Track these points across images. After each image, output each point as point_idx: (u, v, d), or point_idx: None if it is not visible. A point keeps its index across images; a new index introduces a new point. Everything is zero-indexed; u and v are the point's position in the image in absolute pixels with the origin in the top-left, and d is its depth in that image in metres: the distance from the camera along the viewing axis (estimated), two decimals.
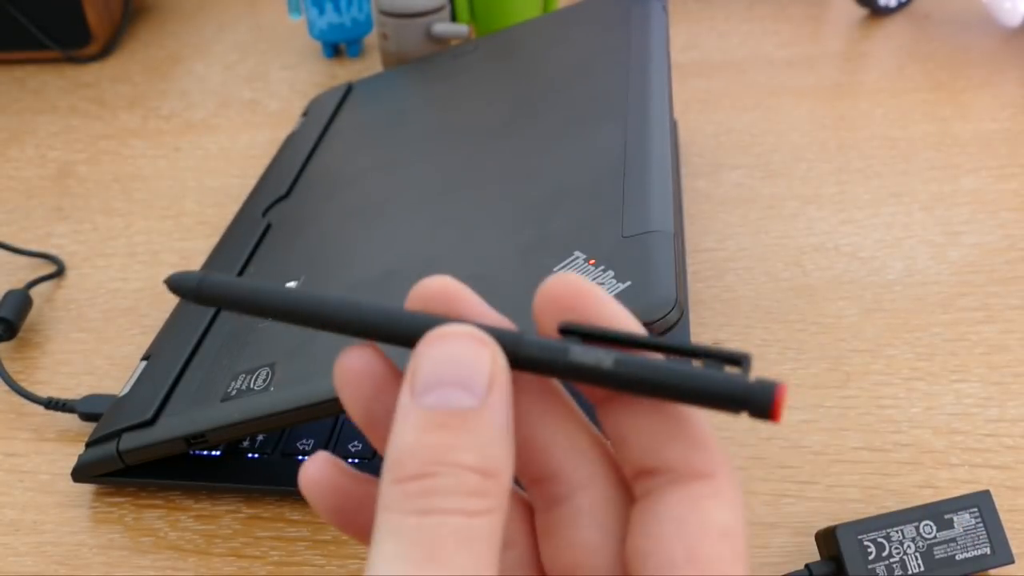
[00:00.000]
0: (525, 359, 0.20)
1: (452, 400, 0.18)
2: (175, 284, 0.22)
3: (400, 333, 0.20)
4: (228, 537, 0.38)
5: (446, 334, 0.19)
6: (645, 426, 0.20)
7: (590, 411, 0.22)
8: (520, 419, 0.21)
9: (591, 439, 0.21)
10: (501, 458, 0.18)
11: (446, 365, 0.19)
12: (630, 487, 0.21)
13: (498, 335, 0.20)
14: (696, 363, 0.19)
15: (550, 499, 0.21)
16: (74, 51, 0.78)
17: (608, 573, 0.20)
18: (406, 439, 0.18)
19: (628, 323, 0.21)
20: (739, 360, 0.19)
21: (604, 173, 0.37)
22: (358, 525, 0.22)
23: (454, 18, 0.71)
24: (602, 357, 0.19)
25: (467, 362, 0.19)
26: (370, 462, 0.39)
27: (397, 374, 0.22)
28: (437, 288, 0.21)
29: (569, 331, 0.20)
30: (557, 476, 0.21)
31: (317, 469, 0.22)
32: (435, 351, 0.19)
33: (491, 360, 0.19)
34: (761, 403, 0.18)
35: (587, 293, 0.20)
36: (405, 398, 0.19)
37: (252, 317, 0.20)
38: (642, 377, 0.19)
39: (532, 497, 0.22)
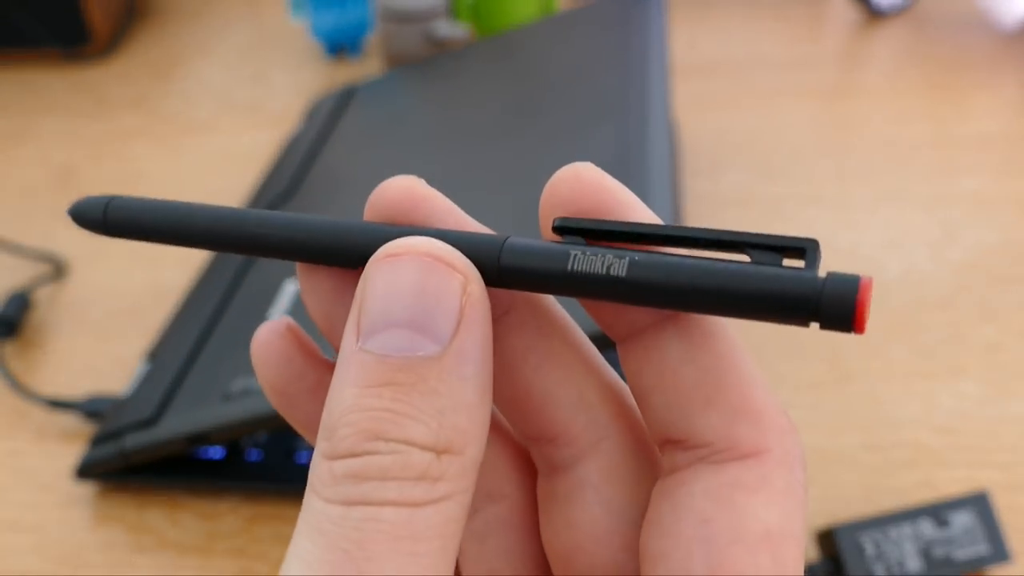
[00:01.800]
0: (511, 272, 0.15)
1: (404, 345, 0.14)
2: (78, 212, 0.18)
3: (349, 251, 0.16)
4: (230, 536, 0.39)
5: (398, 252, 0.14)
6: (677, 379, 0.15)
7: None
8: (513, 363, 0.16)
9: (604, 391, 0.16)
10: (466, 427, 0.14)
11: (398, 296, 0.14)
12: (654, 457, 0.16)
13: (472, 243, 0.15)
14: (740, 258, 0.14)
15: (551, 463, 0.17)
16: (75, 50, 0.78)
17: (615, 564, 0.16)
18: (343, 398, 0.14)
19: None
20: (803, 249, 0.14)
21: None
22: (303, 416, 0.18)
23: (455, 19, 0.71)
24: (613, 260, 0.14)
25: (426, 292, 0.14)
26: None
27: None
28: (398, 193, 0.16)
29: (569, 229, 0.15)
30: (559, 438, 0.16)
31: (272, 333, 0.17)
32: (384, 277, 0.14)
33: (459, 288, 0.14)
34: (838, 306, 0.13)
35: (607, 188, 0.15)
36: (349, 340, 0.14)
37: (178, 245, 0.17)
38: (666, 281, 0.14)
39: (532, 454, 0.17)
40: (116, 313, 0.51)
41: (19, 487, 0.41)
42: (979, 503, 0.34)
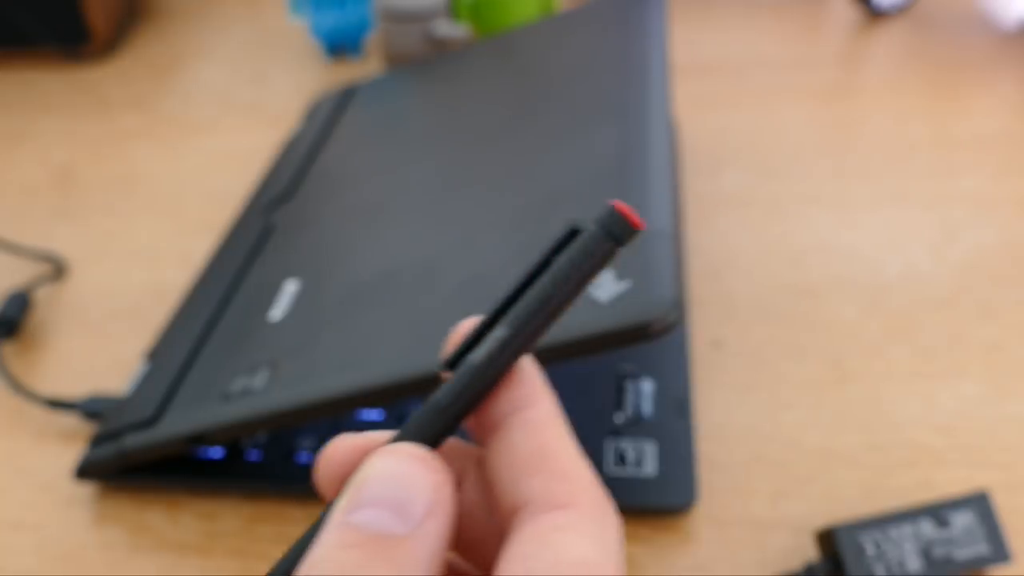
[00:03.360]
0: (456, 406, 0.19)
1: (380, 522, 0.17)
2: None
3: None
4: (230, 536, 0.39)
5: (393, 450, 0.18)
6: (516, 456, 0.19)
7: None
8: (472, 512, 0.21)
9: None
10: None
11: (385, 483, 0.18)
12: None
13: (425, 419, 0.19)
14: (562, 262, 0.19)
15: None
16: (75, 50, 0.78)
17: None
18: (320, 551, 0.17)
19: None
20: (576, 230, 0.19)
21: (603, 173, 0.37)
22: None
23: (455, 19, 0.71)
24: (493, 339, 0.19)
25: (407, 484, 0.17)
26: None
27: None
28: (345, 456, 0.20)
29: (453, 362, 0.20)
30: None
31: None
32: (378, 467, 0.18)
33: (434, 487, 0.18)
34: (618, 230, 0.18)
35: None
36: (337, 512, 0.18)
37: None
38: (530, 312, 0.19)
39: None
40: (116, 313, 0.51)
41: (19, 487, 0.41)
42: (979, 503, 0.34)
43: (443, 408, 0.19)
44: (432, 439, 0.19)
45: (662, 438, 0.39)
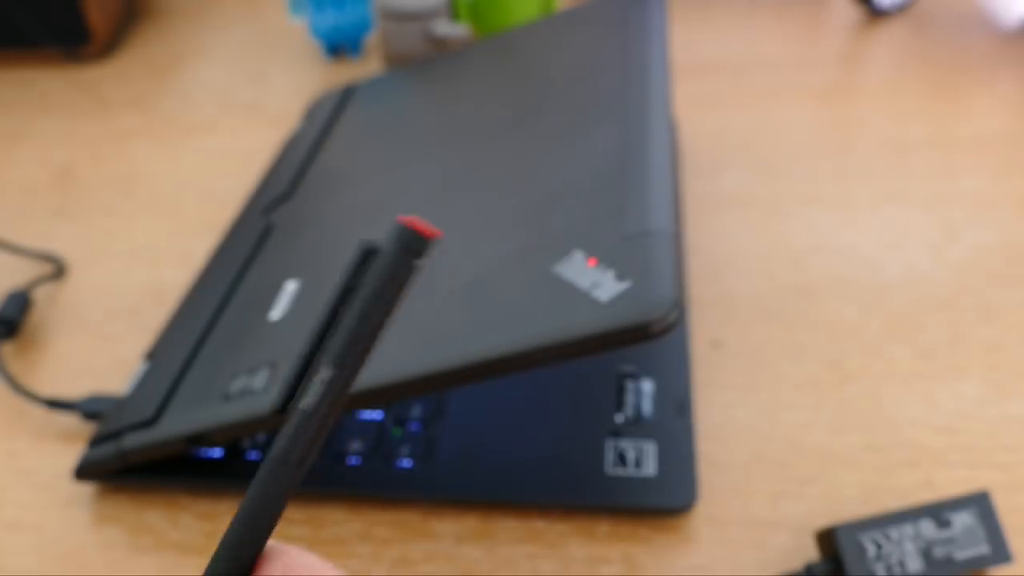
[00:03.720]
0: (295, 452, 0.20)
1: None
2: None
3: None
4: None
5: None
6: None
7: None
8: None
9: None
10: None
11: None
12: None
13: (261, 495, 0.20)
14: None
15: None
16: (75, 50, 0.78)
17: None
18: None
19: None
20: (371, 251, 0.20)
21: (604, 173, 0.37)
22: None
23: (454, 19, 0.71)
24: (319, 381, 0.20)
25: None
26: (369, 461, 0.40)
27: None
28: None
29: (283, 406, 0.21)
30: None
31: None
32: None
33: None
34: (415, 244, 0.19)
35: None
36: None
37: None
38: (349, 342, 0.20)
39: None
40: (116, 313, 0.51)
41: (19, 487, 0.41)
42: (980, 503, 0.34)
43: (283, 457, 0.20)
44: (279, 497, 0.20)
45: (662, 438, 0.39)
